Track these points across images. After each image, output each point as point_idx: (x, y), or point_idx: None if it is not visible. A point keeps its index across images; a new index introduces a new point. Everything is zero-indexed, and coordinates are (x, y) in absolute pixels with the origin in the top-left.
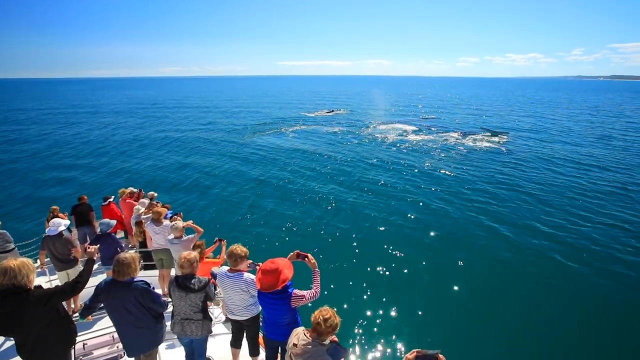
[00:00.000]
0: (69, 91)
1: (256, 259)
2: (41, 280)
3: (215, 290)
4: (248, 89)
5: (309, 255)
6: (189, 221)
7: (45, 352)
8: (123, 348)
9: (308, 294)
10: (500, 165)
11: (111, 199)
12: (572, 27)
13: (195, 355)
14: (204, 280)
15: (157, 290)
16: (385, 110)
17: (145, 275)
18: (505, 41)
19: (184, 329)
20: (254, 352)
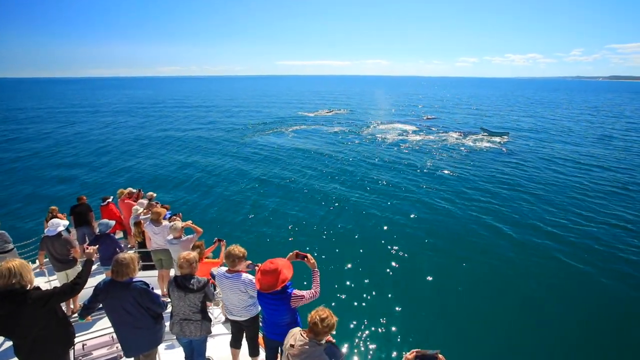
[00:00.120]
0: (68, 90)
1: (259, 259)
2: (40, 281)
3: (215, 290)
4: (247, 88)
5: (309, 255)
6: (188, 221)
7: (44, 353)
8: (121, 348)
9: (308, 294)
10: (501, 165)
11: (110, 200)
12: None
13: (195, 355)
14: (203, 281)
15: (157, 290)
16: (385, 110)
17: (144, 276)
18: (505, 41)
19: (183, 329)
20: (253, 353)
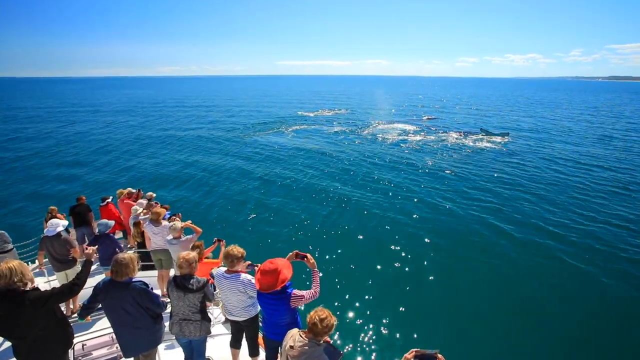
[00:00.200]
0: (68, 90)
1: (261, 259)
2: (40, 281)
3: (214, 290)
4: (247, 88)
5: (308, 255)
6: (187, 221)
7: (43, 354)
8: (120, 348)
9: (307, 293)
10: (502, 165)
11: (109, 200)
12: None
13: (195, 355)
14: (202, 281)
15: (156, 290)
16: (386, 110)
17: (144, 276)
18: (504, 41)
19: (182, 329)
20: (253, 353)
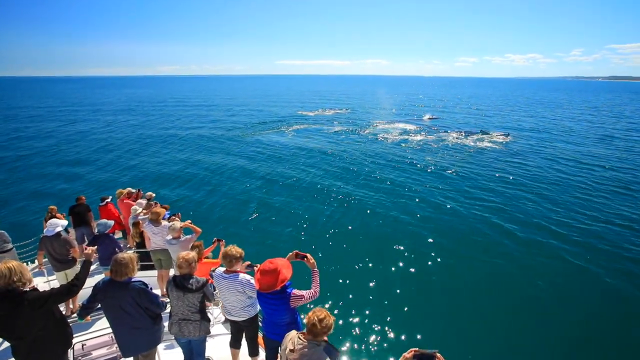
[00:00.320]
0: (68, 89)
1: (264, 258)
2: (39, 281)
3: (214, 290)
4: (248, 88)
5: (308, 255)
6: (186, 221)
7: (42, 354)
8: (118, 348)
9: (307, 293)
10: (504, 165)
11: (109, 200)
12: (571, 28)
13: (194, 355)
14: (201, 281)
15: (156, 290)
16: (386, 110)
17: (144, 276)
18: (505, 41)
19: (182, 329)
20: (253, 353)
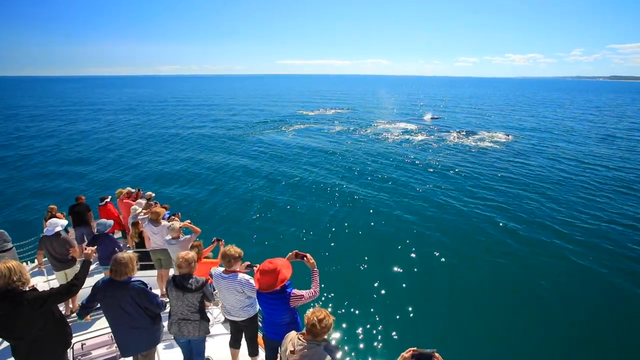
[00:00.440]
0: (69, 89)
1: (267, 257)
2: (39, 280)
3: (214, 290)
4: (248, 87)
5: (308, 255)
6: (186, 221)
7: (42, 354)
8: (117, 348)
9: (307, 293)
10: (506, 164)
11: (108, 199)
12: (571, 28)
13: (194, 355)
14: (201, 281)
15: (156, 290)
16: (387, 110)
17: (143, 275)
18: (505, 41)
19: (181, 329)
20: (253, 352)
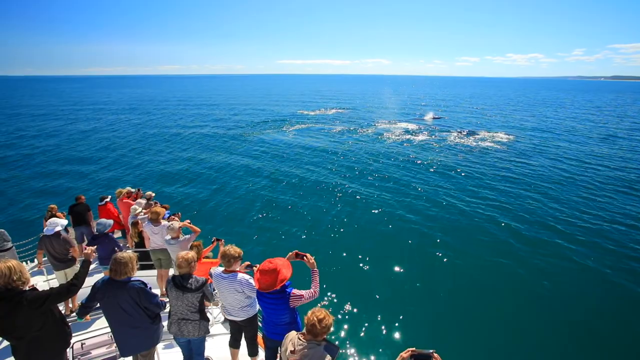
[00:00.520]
0: (69, 89)
1: (268, 257)
2: (39, 280)
3: (214, 290)
4: (249, 87)
5: (308, 254)
6: (185, 221)
7: (41, 354)
8: (117, 347)
9: (307, 293)
10: (508, 164)
11: (108, 199)
12: (573, 28)
13: (194, 355)
14: (201, 280)
15: (155, 290)
16: (388, 109)
17: (143, 275)
18: (506, 41)
19: (181, 329)
20: (253, 352)
